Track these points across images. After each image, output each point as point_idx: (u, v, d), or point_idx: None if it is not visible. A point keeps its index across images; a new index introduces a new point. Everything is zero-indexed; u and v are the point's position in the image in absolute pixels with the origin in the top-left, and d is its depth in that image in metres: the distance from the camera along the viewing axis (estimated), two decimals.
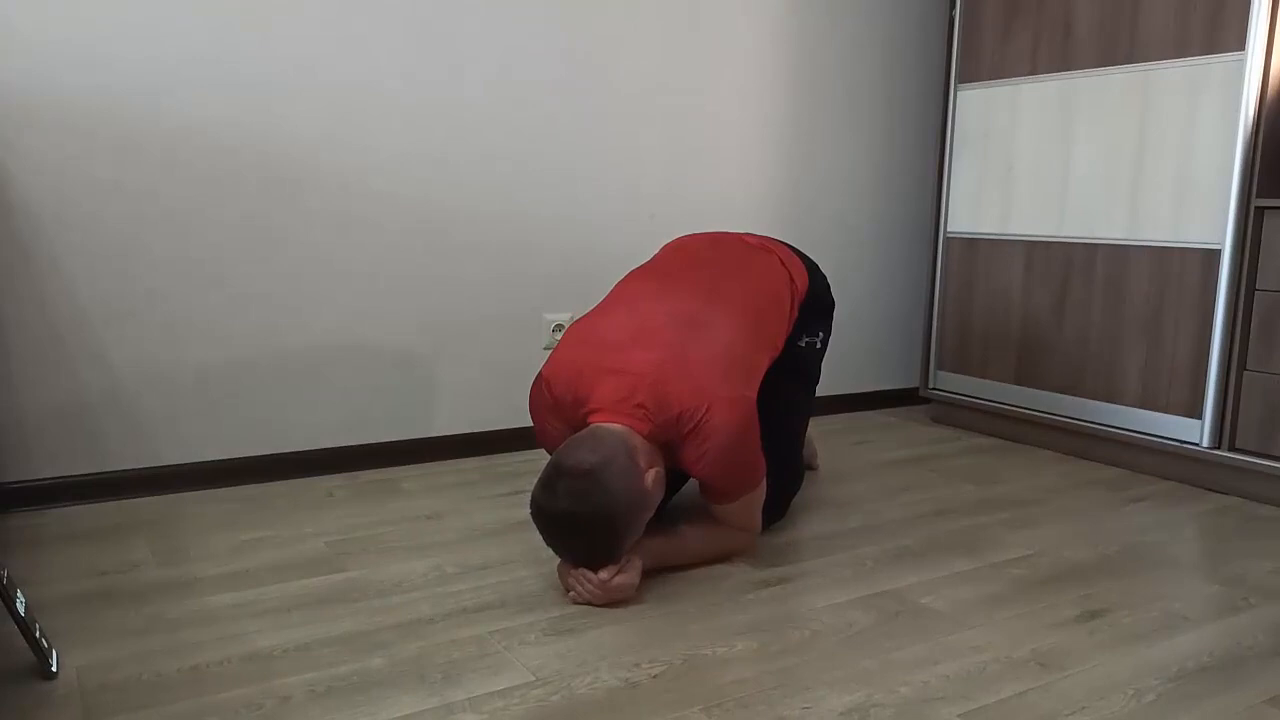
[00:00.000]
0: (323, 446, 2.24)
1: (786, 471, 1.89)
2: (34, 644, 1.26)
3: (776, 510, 1.87)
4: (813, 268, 1.98)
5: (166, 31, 1.96)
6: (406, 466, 2.31)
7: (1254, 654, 1.41)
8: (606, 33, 2.44)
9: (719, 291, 1.77)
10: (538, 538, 1.83)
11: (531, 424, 2.48)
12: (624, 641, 1.41)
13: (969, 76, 2.67)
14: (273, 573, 1.64)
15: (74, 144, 1.91)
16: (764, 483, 1.70)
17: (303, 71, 2.10)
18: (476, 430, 2.43)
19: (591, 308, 2.48)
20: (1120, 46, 2.31)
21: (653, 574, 1.64)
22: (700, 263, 1.87)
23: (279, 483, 2.16)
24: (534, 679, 1.29)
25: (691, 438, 1.57)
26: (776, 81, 2.71)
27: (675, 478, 1.91)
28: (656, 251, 2.10)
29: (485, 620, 1.47)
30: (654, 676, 1.30)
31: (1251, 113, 2.06)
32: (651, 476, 1.53)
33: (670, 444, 1.60)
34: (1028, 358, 2.59)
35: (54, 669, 1.28)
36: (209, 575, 1.63)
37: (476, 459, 2.39)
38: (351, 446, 2.27)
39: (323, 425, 2.23)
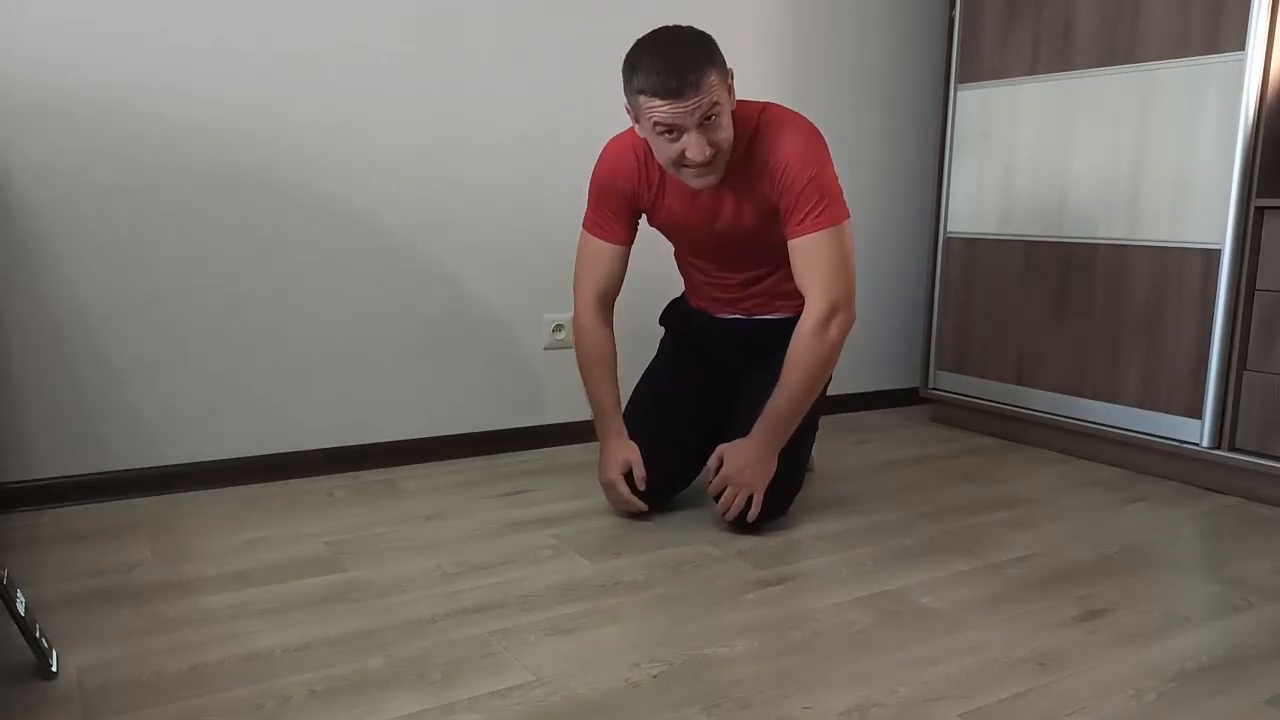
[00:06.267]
0: (323, 446, 2.24)
1: (798, 473, 1.92)
2: (34, 644, 1.26)
3: (778, 508, 1.89)
4: None
5: (166, 31, 1.96)
6: (406, 466, 2.31)
7: (1254, 654, 1.41)
8: (607, 34, 2.44)
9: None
10: (538, 537, 1.83)
11: (531, 421, 2.51)
12: (624, 641, 1.41)
13: (968, 76, 2.66)
14: (273, 573, 1.64)
15: (74, 144, 1.91)
16: (848, 225, 1.77)
17: (303, 71, 2.10)
18: (476, 430, 2.43)
19: None
20: (1120, 46, 2.31)
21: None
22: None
23: (279, 483, 2.16)
24: (534, 679, 1.29)
25: (763, 139, 1.76)
26: (776, 82, 2.71)
27: (692, 466, 1.98)
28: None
29: (485, 620, 1.47)
30: (654, 676, 1.30)
31: (1251, 113, 2.06)
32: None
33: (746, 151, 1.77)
34: (1028, 358, 2.59)
35: (54, 669, 1.28)
36: (209, 575, 1.63)
37: (476, 459, 2.39)
38: (351, 446, 2.27)
39: (323, 425, 2.23)
